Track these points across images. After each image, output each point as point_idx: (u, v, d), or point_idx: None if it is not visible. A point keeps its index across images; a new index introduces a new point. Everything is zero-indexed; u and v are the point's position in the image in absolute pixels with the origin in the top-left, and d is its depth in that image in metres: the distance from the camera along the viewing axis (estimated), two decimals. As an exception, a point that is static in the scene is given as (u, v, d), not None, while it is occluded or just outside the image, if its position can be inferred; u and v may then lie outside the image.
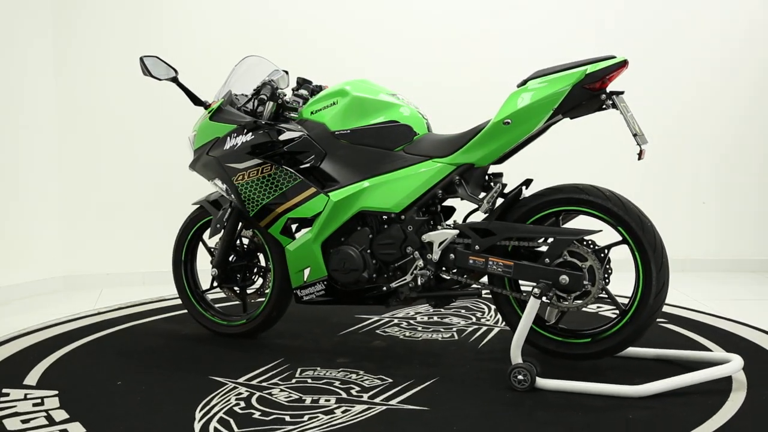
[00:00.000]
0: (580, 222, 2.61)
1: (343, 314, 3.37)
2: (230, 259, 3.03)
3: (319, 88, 2.98)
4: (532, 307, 2.43)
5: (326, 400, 2.33)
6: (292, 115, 2.85)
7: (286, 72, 3.08)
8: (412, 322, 3.28)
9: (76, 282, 4.27)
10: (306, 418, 2.19)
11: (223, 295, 3.14)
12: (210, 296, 3.20)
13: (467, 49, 4.40)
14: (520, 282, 2.67)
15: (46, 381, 2.54)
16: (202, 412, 2.25)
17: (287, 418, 2.19)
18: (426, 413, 2.24)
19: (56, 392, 2.42)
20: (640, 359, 2.66)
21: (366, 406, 2.28)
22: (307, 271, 2.76)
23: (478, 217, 2.71)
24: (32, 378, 2.58)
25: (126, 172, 4.28)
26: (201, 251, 3.19)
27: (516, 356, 2.43)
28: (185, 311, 3.24)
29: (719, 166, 4.46)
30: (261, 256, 3.07)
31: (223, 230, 2.95)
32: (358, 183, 2.69)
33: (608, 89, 2.41)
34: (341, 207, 2.68)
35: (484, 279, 2.68)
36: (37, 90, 4.11)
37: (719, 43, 4.38)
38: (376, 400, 2.34)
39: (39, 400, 2.36)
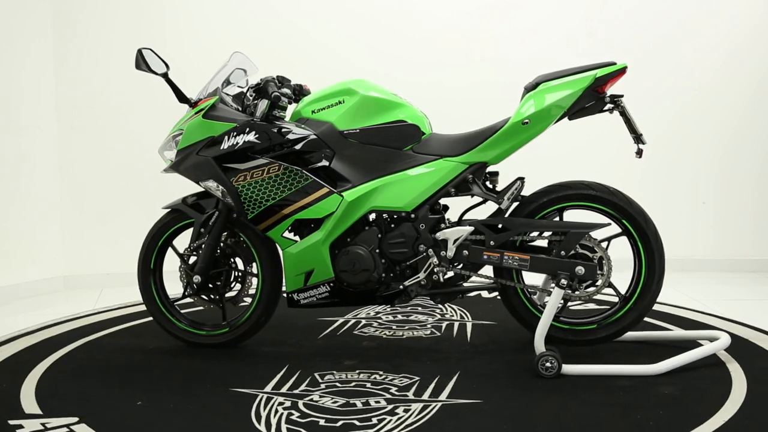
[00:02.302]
0: (572, 216, 2.77)
1: (306, 318, 3.31)
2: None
3: (300, 87, 2.94)
4: (557, 297, 2.57)
5: (376, 402, 2.32)
6: (281, 113, 2.80)
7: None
8: (381, 321, 3.27)
9: (76, 282, 4.28)
10: (374, 420, 2.18)
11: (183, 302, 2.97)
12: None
13: (468, 49, 4.40)
14: (523, 275, 2.79)
15: (55, 405, 2.32)
16: (262, 424, 2.16)
17: (357, 423, 2.16)
18: (484, 405, 2.28)
19: (77, 418, 2.20)
20: (624, 342, 2.85)
21: (422, 404, 2.29)
22: (306, 274, 2.72)
23: (472, 214, 2.81)
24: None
25: (126, 172, 4.28)
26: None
27: (540, 345, 2.56)
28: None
29: (719, 166, 4.46)
30: (238, 261, 2.93)
31: (207, 235, 2.82)
32: (370, 182, 2.69)
33: (608, 93, 2.61)
34: (354, 207, 2.67)
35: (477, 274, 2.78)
36: (37, 90, 4.11)
37: (720, 44, 4.38)
38: (424, 397, 2.35)
39: (66, 430, 2.14)
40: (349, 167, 2.71)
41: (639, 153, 2.61)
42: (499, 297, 3.60)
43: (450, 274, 2.74)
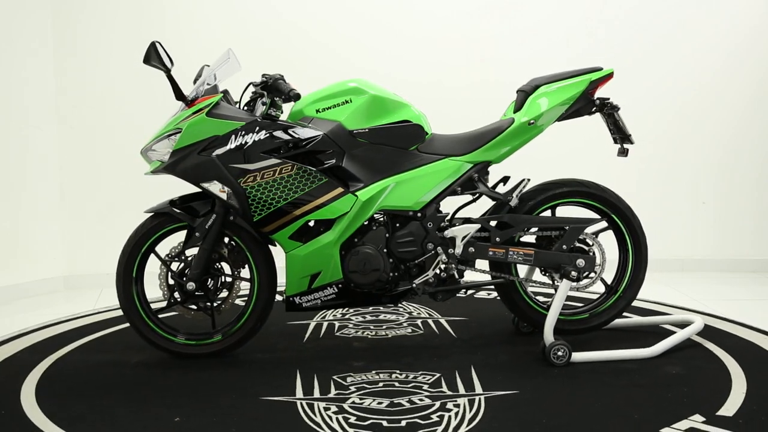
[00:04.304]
0: (560, 213, 2.88)
1: (276, 323, 3.19)
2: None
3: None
4: (565, 288, 2.70)
5: (420, 400, 2.33)
6: (277, 113, 2.71)
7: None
8: (354, 322, 3.26)
9: (76, 282, 4.27)
10: (434, 417, 2.19)
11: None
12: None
13: (468, 49, 4.40)
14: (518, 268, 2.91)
15: (84, 427, 2.17)
16: (327, 429, 2.13)
17: (419, 421, 2.17)
18: (524, 395, 2.36)
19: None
20: (604, 331, 3.01)
21: (467, 399, 2.33)
22: (311, 276, 2.67)
23: (467, 212, 2.88)
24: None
25: (126, 172, 4.27)
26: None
27: (549, 336, 2.66)
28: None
29: (719, 166, 4.46)
30: (225, 266, 2.83)
31: (203, 239, 2.70)
32: (381, 182, 2.69)
33: (596, 96, 2.80)
34: (366, 207, 2.67)
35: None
36: (37, 90, 4.11)
37: (720, 44, 4.37)
38: (461, 392, 2.39)
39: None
40: (360, 167, 2.70)
41: (624, 152, 2.77)
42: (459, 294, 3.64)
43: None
